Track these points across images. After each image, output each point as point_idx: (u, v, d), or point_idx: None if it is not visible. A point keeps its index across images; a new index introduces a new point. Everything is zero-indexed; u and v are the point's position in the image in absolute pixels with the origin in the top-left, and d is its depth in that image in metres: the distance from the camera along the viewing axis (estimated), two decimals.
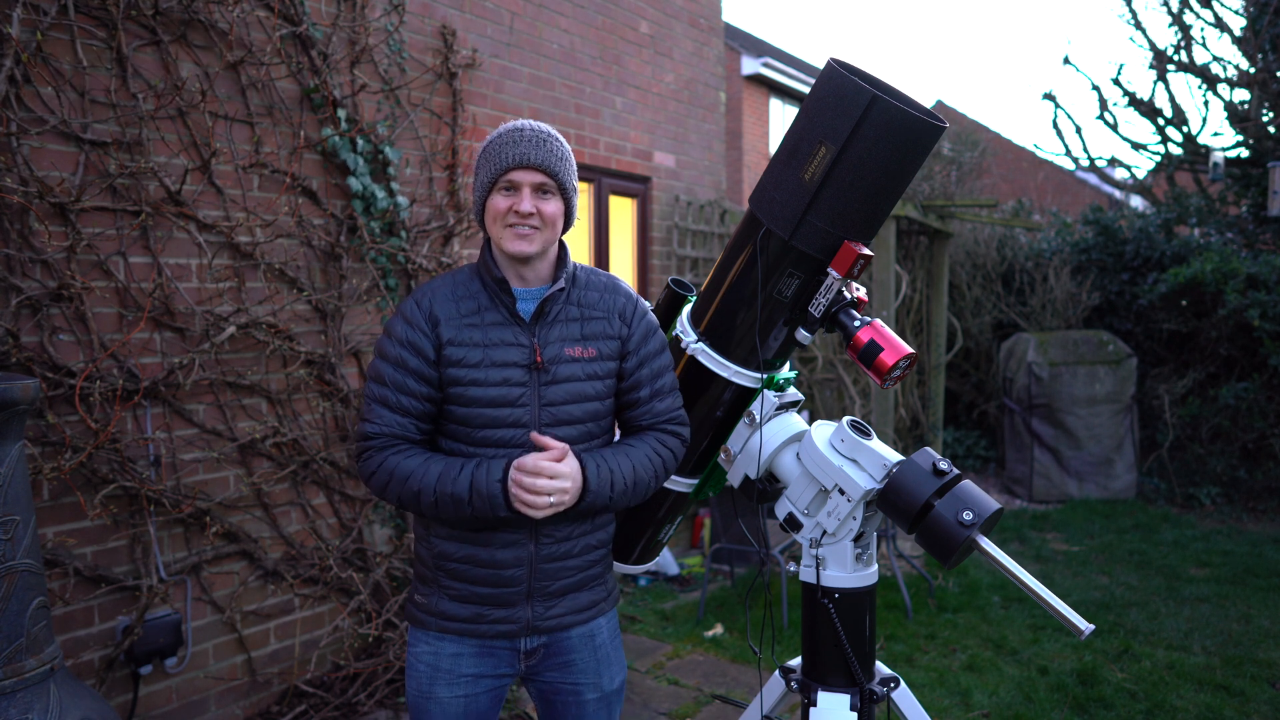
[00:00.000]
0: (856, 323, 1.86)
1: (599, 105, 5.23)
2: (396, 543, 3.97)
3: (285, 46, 3.50)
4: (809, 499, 1.95)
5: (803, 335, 1.94)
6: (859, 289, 1.92)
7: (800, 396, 2.11)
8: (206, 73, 3.26)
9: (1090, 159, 11.20)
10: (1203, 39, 9.94)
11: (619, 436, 1.97)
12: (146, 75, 3.10)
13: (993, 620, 4.64)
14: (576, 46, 5.07)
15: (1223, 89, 9.12)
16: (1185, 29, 9.19)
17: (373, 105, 3.86)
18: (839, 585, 1.91)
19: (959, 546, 1.77)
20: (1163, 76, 9.57)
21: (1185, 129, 9.57)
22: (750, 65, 15.48)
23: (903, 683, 1.96)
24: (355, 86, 3.72)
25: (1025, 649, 4.27)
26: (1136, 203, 14.01)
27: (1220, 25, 8.99)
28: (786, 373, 2.11)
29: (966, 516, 1.75)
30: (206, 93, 3.22)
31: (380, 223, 3.84)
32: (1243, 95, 9.00)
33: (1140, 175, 11.43)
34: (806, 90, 15.99)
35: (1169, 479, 7.44)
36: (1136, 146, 10.08)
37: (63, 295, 2.91)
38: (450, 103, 4.23)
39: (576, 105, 5.07)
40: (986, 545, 1.77)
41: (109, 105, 3.01)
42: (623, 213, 5.61)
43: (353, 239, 3.76)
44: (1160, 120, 9.71)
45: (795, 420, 2.06)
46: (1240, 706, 3.66)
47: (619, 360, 1.89)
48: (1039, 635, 4.44)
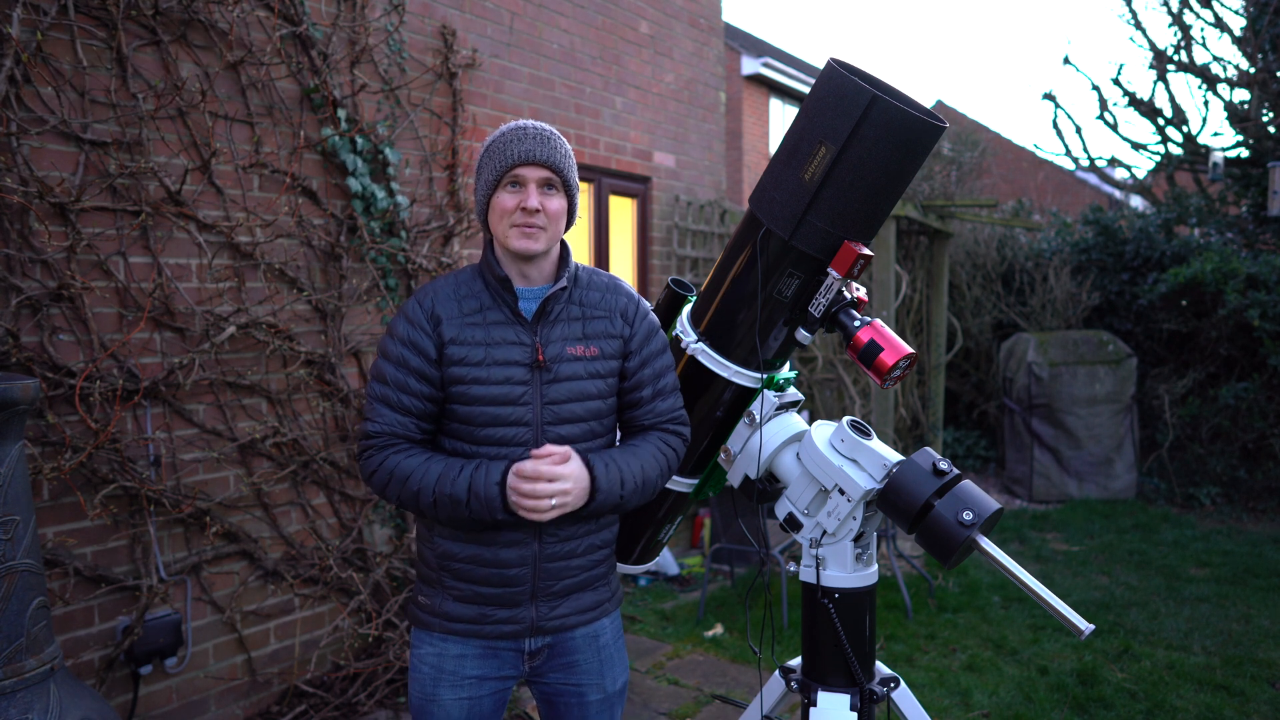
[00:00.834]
0: (856, 323, 1.86)
1: (599, 105, 5.23)
2: (396, 543, 3.97)
3: (285, 46, 3.50)
4: (809, 499, 1.95)
5: (803, 335, 1.94)
6: (859, 289, 1.92)
7: (800, 396, 2.11)
8: (206, 73, 3.26)
9: (1090, 159, 11.19)
10: (1203, 39, 9.95)
11: (620, 437, 1.97)
12: (146, 75, 3.11)
13: (993, 620, 4.64)
14: (576, 46, 5.07)
15: (1223, 89, 9.12)
16: (1185, 29, 9.19)
17: (373, 105, 3.86)
18: (839, 585, 1.91)
19: (959, 546, 1.77)
20: (1163, 76, 9.57)
21: (1185, 129, 9.57)
22: (750, 65, 15.48)
23: (903, 683, 1.96)
24: (355, 86, 3.73)
25: (1025, 649, 4.27)
26: (1136, 203, 14.01)
27: (1220, 25, 8.99)
28: (786, 373, 2.11)
29: (966, 516, 1.76)
30: (206, 93, 3.22)
31: (380, 223, 3.84)
32: (1243, 95, 9.01)
33: (1140, 175, 11.43)
34: (806, 90, 15.99)
35: (1169, 479, 7.44)
36: (1136, 146, 10.08)
37: (63, 295, 2.91)
38: (450, 103, 4.23)
39: (576, 105, 5.07)
40: (986, 545, 1.77)
41: (109, 105, 3.01)
42: (623, 213, 5.61)
43: (353, 239, 3.76)
44: (1160, 120, 9.71)
45: (795, 420, 2.06)
46: (1240, 706, 3.66)
47: (621, 360, 1.89)
48: (1039, 635, 4.44)
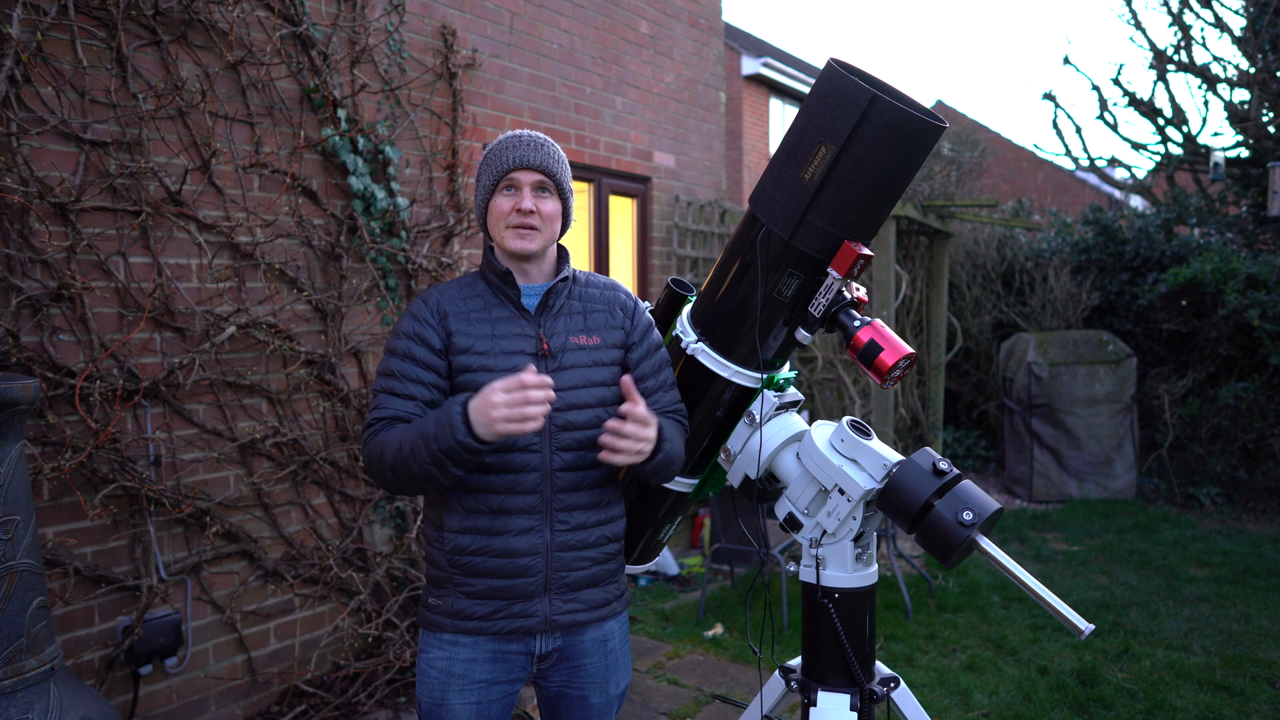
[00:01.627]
0: (856, 323, 1.86)
1: (599, 105, 5.23)
2: (396, 543, 3.97)
3: (285, 46, 3.50)
4: (809, 499, 1.95)
5: (803, 335, 1.94)
6: (859, 289, 1.92)
7: (800, 396, 2.11)
8: (206, 73, 3.26)
9: (1090, 159, 11.20)
10: (1203, 39, 9.96)
11: None
12: (146, 75, 3.11)
13: (993, 620, 4.64)
14: (576, 46, 5.07)
15: (1223, 89, 9.13)
16: (1185, 29, 9.19)
17: (373, 105, 3.86)
18: (839, 585, 1.91)
19: (959, 546, 1.77)
20: (1163, 76, 9.57)
21: (1185, 129, 9.57)
22: (750, 65, 15.48)
23: (903, 683, 1.96)
24: (355, 86, 3.73)
25: (1025, 649, 4.27)
26: (1136, 203, 14.02)
27: (1220, 25, 8.99)
28: (786, 373, 2.11)
29: (966, 516, 1.75)
30: (206, 93, 3.22)
31: (380, 223, 3.84)
32: (1243, 95, 9.01)
33: (1140, 175, 11.44)
34: (806, 90, 15.99)
35: (1169, 479, 7.44)
36: (1136, 146, 10.08)
37: (63, 295, 2.91)
38: (450, 103, 4.23)
39: (576, 105, 5.07)
40: (986, 545, 1.77)
41: (109, 105, 3.01)
42: (623, 213, 5.61)
43: (353, 239, 3.76)
44: (1160, 120, 9.71)
45: (795, 420, 2.06)
46: (1240, 706, 3.66)
47: (624, 350, 1.94)
48: (1039, 635, 4.44)
